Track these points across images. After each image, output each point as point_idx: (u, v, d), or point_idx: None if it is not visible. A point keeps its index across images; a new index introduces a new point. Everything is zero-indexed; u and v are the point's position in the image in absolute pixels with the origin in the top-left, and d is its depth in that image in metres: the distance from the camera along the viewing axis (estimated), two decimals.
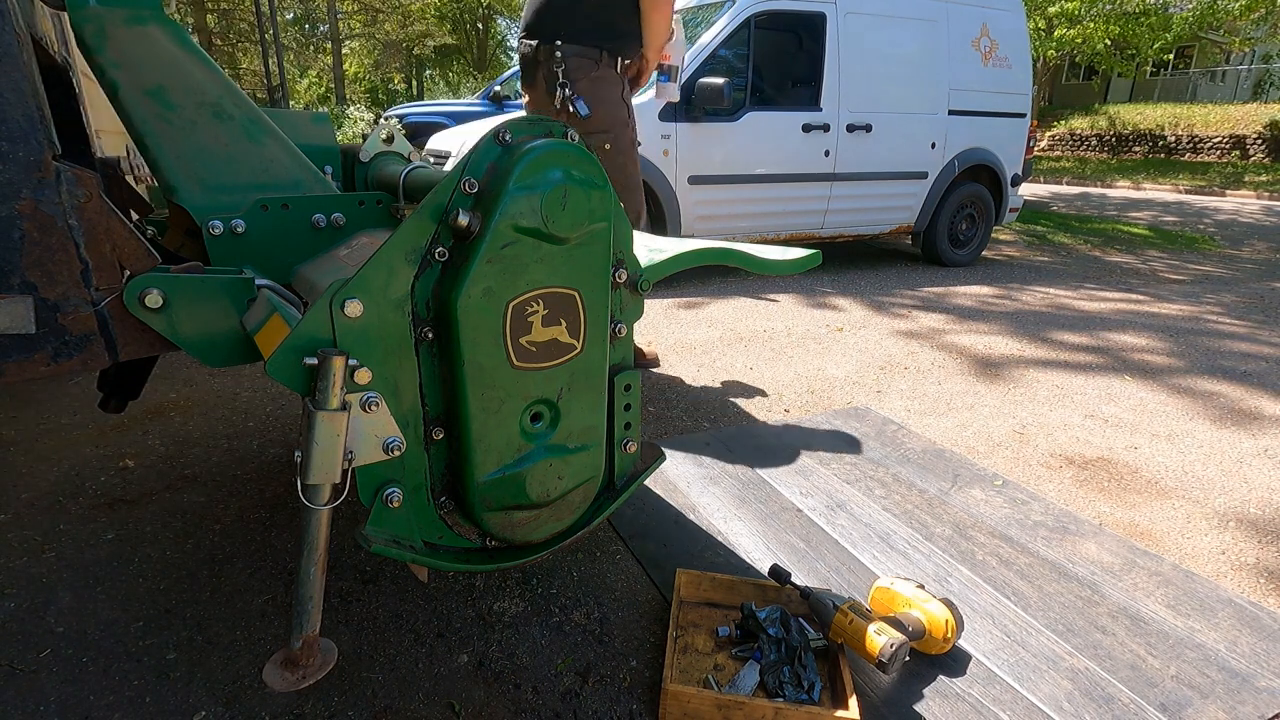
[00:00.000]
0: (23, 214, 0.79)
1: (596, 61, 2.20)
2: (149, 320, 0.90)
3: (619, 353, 1.17)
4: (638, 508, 1.64)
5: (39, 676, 1.10)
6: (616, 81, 2.28)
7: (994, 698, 1.11)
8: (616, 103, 2.26)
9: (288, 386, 0.83)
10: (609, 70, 2.24)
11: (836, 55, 4.39)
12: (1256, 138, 14.32)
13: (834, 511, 1.65)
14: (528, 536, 1.13)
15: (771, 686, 1.08)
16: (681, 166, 4.12)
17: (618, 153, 2.30)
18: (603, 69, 2.22)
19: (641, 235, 1.38)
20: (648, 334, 3.14)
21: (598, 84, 2.22)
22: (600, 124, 2.22)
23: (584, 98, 2.19)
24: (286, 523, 1.54)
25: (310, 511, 0.84)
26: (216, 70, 1.21)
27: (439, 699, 1.08)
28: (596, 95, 2.21)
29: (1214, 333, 3.41)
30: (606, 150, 2.27)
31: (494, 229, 0.91)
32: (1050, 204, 9.70)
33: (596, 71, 2.21)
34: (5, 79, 0.76)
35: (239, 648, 1.17)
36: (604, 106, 2.22)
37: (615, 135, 2.27)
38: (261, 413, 2.15)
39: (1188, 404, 2.45)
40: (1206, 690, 1.13)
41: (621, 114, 2.28)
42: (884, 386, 2.54)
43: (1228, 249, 6.26)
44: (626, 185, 2.39)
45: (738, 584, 1.28)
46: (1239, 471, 1.93)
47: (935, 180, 4.86)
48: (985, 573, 1.43)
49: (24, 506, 1.59)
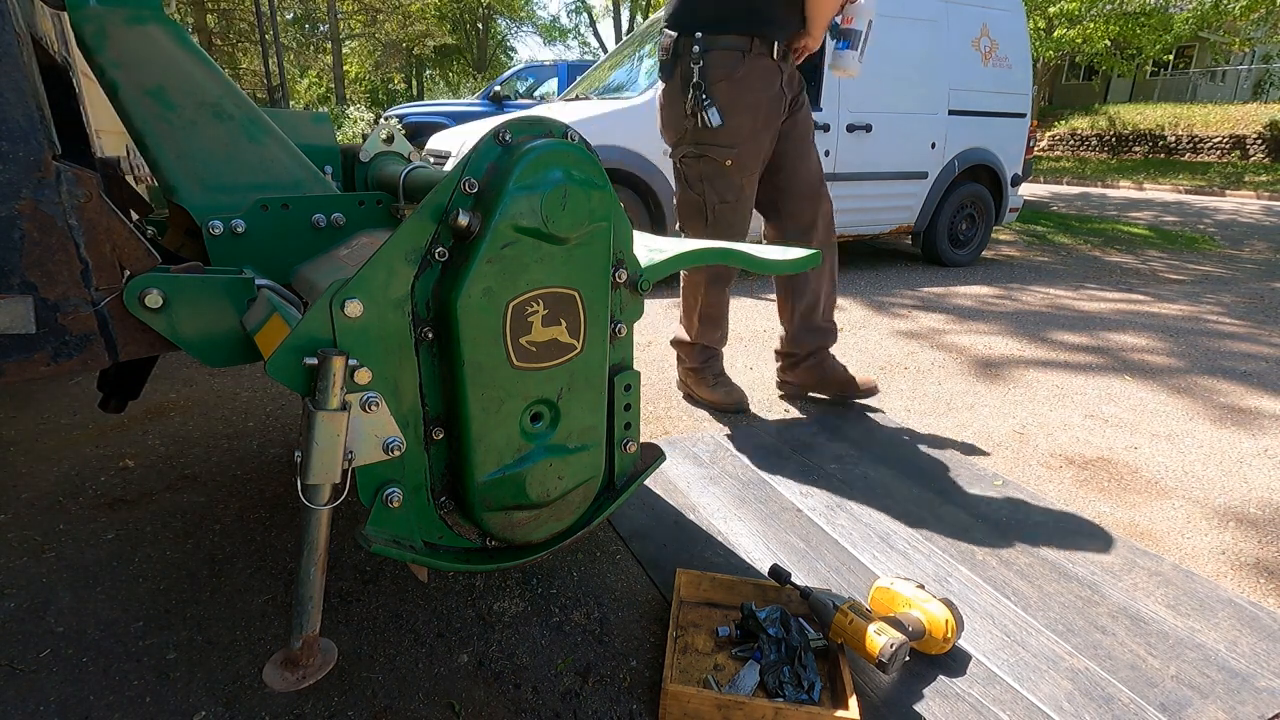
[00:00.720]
0: (23, 214, 0.79)
1: (744, 54, 1.86)
2: (149, 320, 0.90)
3: (619, 353, 1.17)
4: (638, 508, 1.64)
5: (39, 676, 1.10)
6: (769, 77, 1.91)
7: (994, 698, 1.11)
8: (756, 110, 1.91)
9: (288, 386, 0.83)
10: (761, 62, 1.89)
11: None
12: (1256, 138, 14.32)
13: (834, 511, 1.65)
14: (528, 536, 1.13)
15: (771, 686, 1.08)
16: None
17: (737, 172, 1.97)
18: (751, 63, 1.87)
19: (641, 235, 1.38)
20: (648, 334, 3.14)
21: (740, 86, 1.88)
22: (730, 137, 1.92)
23: (719, 104, 1.88)
24: (286, 523, 1.54)
25: (310, 511, 0.84)
26: (216, 70, 1.21)
27: (439, 699, 1.08)
28: (736, 101, 1.88)
29: (1214, 333, 3.41)
30: (726, 167, 1.95)
31: (494, 229, 0.91)
32: (1050, 204, 9.70)
33: (742, 69, 1.87)
34: (5, 79, 0.76)
35: (239, 648, 1.17)
36: (742, 116, 1.90)
37: (742, 152, 1.94)
38: (261, 413, 2.15)
39: (1188, 404, 2.44)
40: (1206, 690, 1.13)
41: (757, 123, 1.93)
42: (884, 386, 2.54)
43: (1228, 249, 6.26)
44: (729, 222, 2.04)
45: (738, 584, 1.28)
46: (1239, 471, 1.93)
47: (935, 180, 4.86)
48: (985, 573, 1.43)
49: (24, 506, 1.59)
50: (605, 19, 30.49)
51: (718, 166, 1.97)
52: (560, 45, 32.73)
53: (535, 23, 30.93)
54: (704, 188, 2.02)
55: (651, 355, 2.86)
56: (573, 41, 32.98)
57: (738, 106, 1.89)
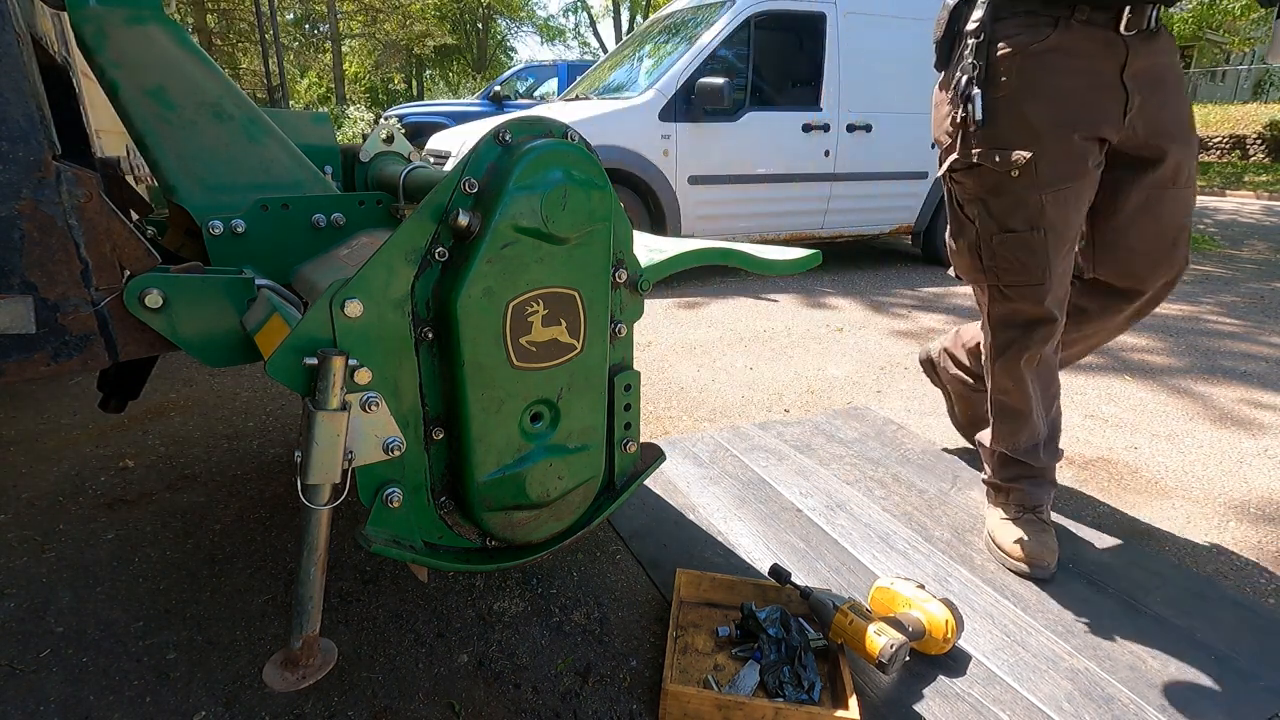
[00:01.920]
0: (23, 214, 0.79)
1: (1055, 22, 1.25)
2: (149, 320, 0.90)
3: (619, 353, 1.17)
4: (638, 508, 1.64)
5: (39, 676, 1.10)
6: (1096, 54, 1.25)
7: (994, 698, 1.11)
8: (1063, 99, 1.26)
9: (288, 386, 0.83)
10: (1084, 32, 1.24)
11: (836, 55, 4.40)
12: (1256, 138, 14.31)
13: (834, 511, 1.65)
14: (528, 536, 1.13)
15: (771, 686, 1.08)
16: (681, 166, 4.12)
17: (1032, 186, 1.30)
18: (1061, 36, 1.24)
19: (641, 235, 1.38)
20: (648, 334, 3.14)
21: (1038, 63, 1.26)
22: (1006, 137, 1.30)
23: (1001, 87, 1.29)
24: (286, 523, 1.54)
25: (310, 511, 0.84)
26: (216, 70, 1.21)
27: (439, 699, 1.08)
28: (1030, 84, 1.27)
29: (1214, 333, 3.41)
30: (1012, 179, 1.30)
31: (494, 229, 0.91)
32: None
33: (1045, 40, 1.25)
34: (5, 79, 0.76)
35: (239, 648, 1.17)
36: (1037, 104, 1.27)
37: (1040, 155, 1.28)
38: (261, 413, 2.15)
39: (1188, 404, 2.44)
40: (1206, 690, 1.13)
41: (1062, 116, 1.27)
42: (884, 386, 2.54)
43: (1228, 249, 6.25)
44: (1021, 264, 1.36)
45: (738, 584, 1.28)
46: (1239, 471, 1.93)
47: (935, 180, 4.86)
48: (985, 573, 1.43)
49: (24, 506, 1.59)
50: (605, 19, 30.51)
51: (999, 178, 1.33)
52: (560, 45, 32.74)
53: (534, 22, 30.94)
54: (977, 211, 1.39)
55: (651, 355, 2.86)
56: (572, 41, 32.98)
57: (1032, 92, 1.28)
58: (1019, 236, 1.35)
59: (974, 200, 1.39)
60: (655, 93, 4.05)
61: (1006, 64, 1.29)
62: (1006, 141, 1.30)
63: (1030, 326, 1.42)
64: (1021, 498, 1.52)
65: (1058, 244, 1.34)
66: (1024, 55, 1.27)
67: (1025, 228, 1.34)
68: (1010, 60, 1.28)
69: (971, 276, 1.49)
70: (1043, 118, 1.28)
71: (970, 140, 1.35)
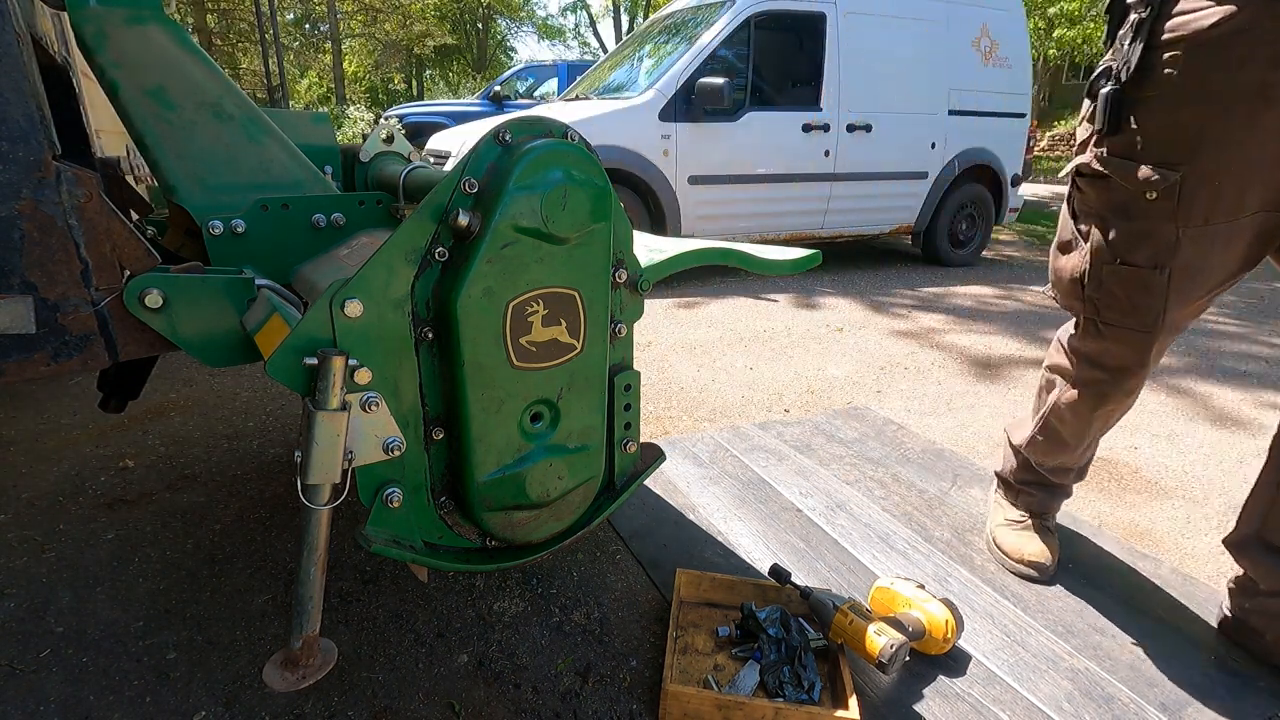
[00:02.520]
0: (23, 214, 0.79)
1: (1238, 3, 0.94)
2: (149, 320, 0.90)
3: (619, 353, 1.17)
4: (638, 508, 1.64)
5: (39, 676, 1.10)
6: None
7: (994, 698, 1.11)
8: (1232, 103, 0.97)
9: (288, 386, 0.83)
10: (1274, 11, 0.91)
11: (836, 55, 4.40)
12: None
13: (834, 511, 1.65)
14: (528, 537, 1.13)
15: (771, 686, 1.08)
16: (681, 166, 4.12)
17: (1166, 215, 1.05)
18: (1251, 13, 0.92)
19: (641, 235, 1.38)
20: (648, 334, 3.14)
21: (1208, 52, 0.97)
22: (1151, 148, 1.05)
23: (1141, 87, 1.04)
24: (286, 523, 1.54)
25: (310, 511, 0.84)
26: (216, 70, 1.21)
27: (439, 699, 1.08)
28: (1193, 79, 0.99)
29: (1214, 333, 3.41)
30: (1147, 202, 1.06)
31: (494, 229, 0.91)
32: (1050, 204, 9.69)
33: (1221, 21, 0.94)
34: (5, 79, 0.76)
35: (239, 648, 1.17)
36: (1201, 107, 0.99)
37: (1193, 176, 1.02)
38: (261, 413, 2.15)
39: (1188, 404, 2.45)
40: (1207, 690, 1.13)
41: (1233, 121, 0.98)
42: (884, 386, 2.54)
43: None
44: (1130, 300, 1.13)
45: (738, 584, 1.28)
46: (1239, 471, 1.93)
47: (935, 180, 4.87)
48: (985, 573, 1.43)
49: (24, 506, 1.59)
50: (605, 19, 30.51)
51: (1129, 197, 1.08)
52: (559, 45, 32.74)
53: (534, 22, 30.93)
54: (1093, 230, 1.17)
55: (651, 355, 2.86)
56: (572, 41, 32.98)
57: (1196, 89, 0.99)
58: (1137, 273, 1.10)
59: (1092, 215, 1.16)
60: (655, 93, 4.05)
61: (1170, 51, 1.00)
62: (1149, 153, 1.04)
63: (1119, 374, 1.21)
64: (1031, 502, 1.47)
65: (1184, 291, 1.09)
66: (1190, 40, 0.98)
67: (1148, 265, 1.09)
68: (1175, 47, 1.00)
69: (1067, 303, 1.26)
70: (1209, 127, 1.00)
71: (1103, 143, 1.11)
